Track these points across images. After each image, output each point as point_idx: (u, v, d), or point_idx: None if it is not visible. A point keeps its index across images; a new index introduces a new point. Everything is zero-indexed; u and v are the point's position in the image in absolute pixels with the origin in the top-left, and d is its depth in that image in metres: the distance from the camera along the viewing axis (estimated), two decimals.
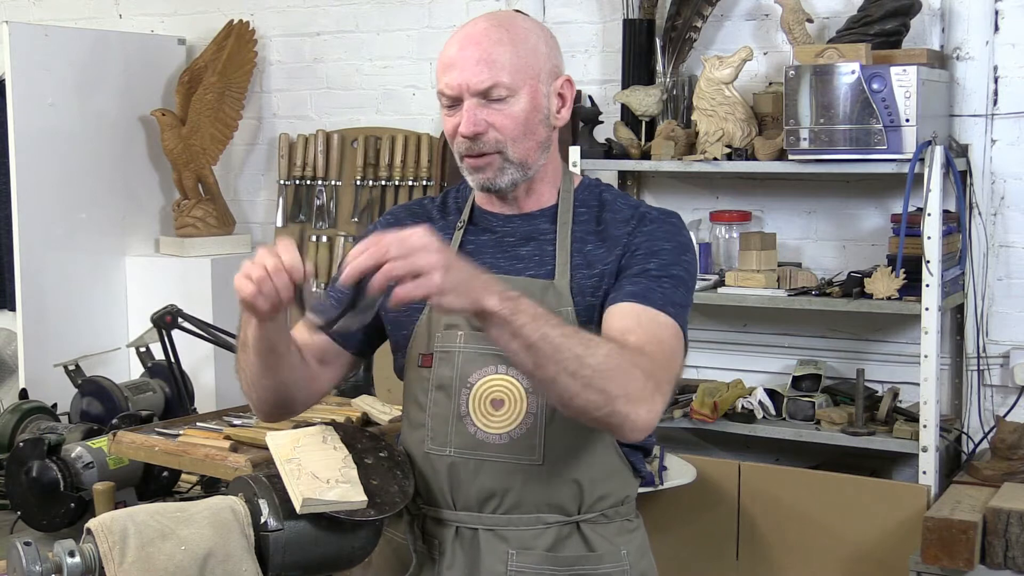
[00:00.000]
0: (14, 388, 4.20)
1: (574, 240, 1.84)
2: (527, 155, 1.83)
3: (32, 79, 4.13)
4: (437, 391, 1.84)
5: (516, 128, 1.80)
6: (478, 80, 1.79)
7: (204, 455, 2.37)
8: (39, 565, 1.59)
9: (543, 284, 1.81)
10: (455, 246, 1.88)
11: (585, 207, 1.88)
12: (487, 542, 1.82)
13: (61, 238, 4.25)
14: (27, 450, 2.63)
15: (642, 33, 3.80)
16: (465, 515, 1.83)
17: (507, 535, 1.81)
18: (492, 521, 1.82)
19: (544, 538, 1.81)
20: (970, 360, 3.47)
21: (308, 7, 4.54)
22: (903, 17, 3.36)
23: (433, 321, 1.85)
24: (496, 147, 1.80)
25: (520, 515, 1.81)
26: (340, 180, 4.48)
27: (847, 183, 3.61)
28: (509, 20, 1.87)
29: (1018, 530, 2.85)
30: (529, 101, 1.81)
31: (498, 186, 1.82)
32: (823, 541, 3.25)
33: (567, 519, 1.82)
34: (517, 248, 1.87)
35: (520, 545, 1.81)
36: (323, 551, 1.74)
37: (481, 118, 1.79)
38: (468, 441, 1.81)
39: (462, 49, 1.84)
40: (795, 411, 3.44)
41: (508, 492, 1.80)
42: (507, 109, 1.80)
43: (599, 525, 1.84)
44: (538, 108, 1.83)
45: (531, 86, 1.81)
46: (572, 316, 1.78)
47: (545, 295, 1.79)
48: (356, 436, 1.87)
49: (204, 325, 3.34)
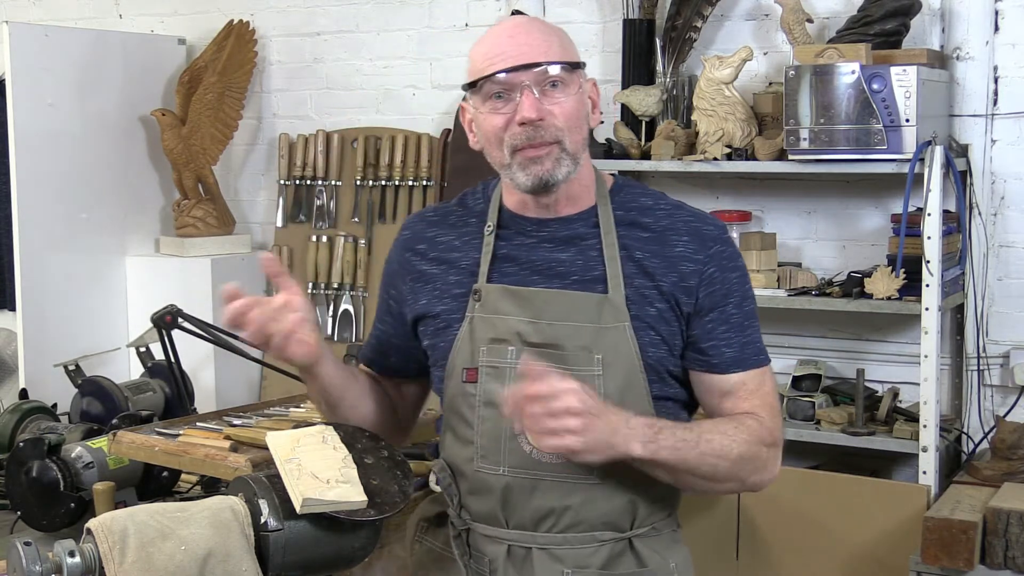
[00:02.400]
0: (14, 388, 4.19)
1: (622, 247, 1.80)
2: (578, 149, 1.79)
3: (32, 79, 4.13)
4: (486, 407, 1.79)
5: (572, 117, 1.77)
6: (538, 63, 1.74)
7: (204, 455, 2.37)
8: (39, 565, 1.59)
9: (598, 300, 1.77)
10: (488, 255, 1.83)
11: (623, 210, 1.84)
12: (541, 561, 1.79)
13: (61, 238, 4.25)
14: (27, 450, 2.63)
15: (642, 33, 3.80)
16: (518, 534, 1.80)
17: (561, 554, 1.79)
18: (546, 540, 1.79)
19: (598, 555, 1.79)
20: (970, 360, 3.47)
21: (308, 7, 4.54)
22: (903, 17, 3.37)
23: (476, 334, 1.81)
24: (555, 136, 1.75)
25: (575, 533, 1.79)
26: (340, 180, 4.48)
27: (847, 183, 3.61)
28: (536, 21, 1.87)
29: (1018, 530, 2.85)
30: (579, 94, 1.79)
31: (556, 179, 1.76)
32: (823, 541, 3.25)
33: (620, 535, 1.80)
34: (556, 253, 1.82)
35: (575, 564, 1.79)
36: (323, 551, 1.74)
37: (542, 104, 1.75)
38: (523, 460, 1.78)
39: (511, 36, 1.78)
40: (795, 411, 3.44)
41: (565, 511, 1.78)
42: (562, 99, 1.76)
43: (650, 539, 1.83)
44: (583, 103, 1.80)
45: (578, 80, 1.79)
46: (629, 331, 1.76)
47: (602, 311, 1.77)
48: (356, 436, 1.87)
49: (204, 325, 3.33)
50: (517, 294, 1.80)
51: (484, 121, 1.79)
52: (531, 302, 1.79)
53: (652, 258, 1.80)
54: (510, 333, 1.79)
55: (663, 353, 1.79)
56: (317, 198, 4.51)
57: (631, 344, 1.76)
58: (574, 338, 1.76)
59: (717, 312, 1.80)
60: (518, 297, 1.80)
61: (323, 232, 4.48)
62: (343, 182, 4.48)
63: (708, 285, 1.79)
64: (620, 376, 1.76)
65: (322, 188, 4.50)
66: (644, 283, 1.78)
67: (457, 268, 1.86)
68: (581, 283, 1.79)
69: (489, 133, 1.79)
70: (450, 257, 1.87)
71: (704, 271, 1.79)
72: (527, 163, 1.76)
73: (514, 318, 1.79)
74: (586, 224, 1.83)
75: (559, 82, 1.76)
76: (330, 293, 4.44)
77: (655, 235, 1.81)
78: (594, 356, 1.75)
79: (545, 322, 1.77)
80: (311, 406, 2.68)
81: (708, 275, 1.79)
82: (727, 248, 1.83)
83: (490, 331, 1.80)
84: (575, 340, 1.76)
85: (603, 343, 1.76)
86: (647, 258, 1.79)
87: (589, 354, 1.76)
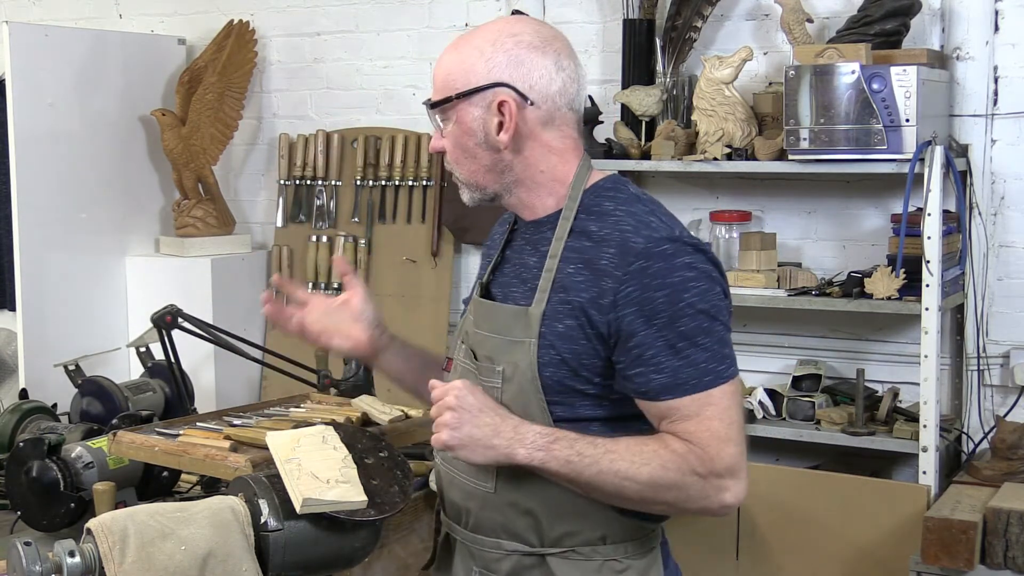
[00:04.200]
0: (14, 388, 4.19)
1: (561, 259, 1.74)
2: (476, 178, 1.80)
3: (32, 79, 4.13)
4: None
5: (454, 150, 1.80)
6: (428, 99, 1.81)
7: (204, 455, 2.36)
8: (39, 565, 1.60)
9: (517, 312, 1.76)
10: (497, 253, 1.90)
11: (585, 214, 1.77)
12: (461, 553, 1.86)
13: (61, 238, 4.25)
14: (27, 450, 2.62)
15: (642, 33, 3.80)
16: (449, 523, 1.87)
17: (474, 552, 1.83)
18: (463, 535, 1.84)
19: (505, 564, 1.79)
20: (970, 360, 3.47)
21: (308, 7, 4.54)
22: (903, 17, 3.36)
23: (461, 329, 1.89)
24: (450, 167, 1.83)
25: (482, 536, 1.81)
26: (340, 180, 4.48)
27: (847, 183, 3.61)
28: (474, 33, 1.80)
29: (1018, 530, 2.85)
30: (456, 125, 1.78)
31: (468, 203, 1.84)
32: (823, 541, 3.25)
33: (529, 549, 1.77)
34: (527, 257, 1.83)
35: (483, 565, 1.82)
36: (323, 551, 1.74)
37: (437, 140, 1.82)
38: (446, 454, 1.82)
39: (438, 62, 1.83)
40: (795, 411, 3.44)
41: (470, 512, 1.82)
42: (447, 131, 1.80)
43: (571, 561, 1.76)
44: (468, 132, 1.77)
45: (461, 109, 1.77)
46: (533, 347, 1.72)
47: (515, 324, 1.75)
48: (356, 436, 1.88)
49: (204, 325, 3.33)
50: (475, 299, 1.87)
51: None
52: (477, 306, 1.86)
53: (583, 270, 1.71)
54: (464, 333, 1.87)
55: (563, 373, 1.71)
56: (317, 198, 4.51)
57: (531, 360, 1.72)
58: (484, 347, 1.80)
59: (638, 337, 1.65)
60: (475, 301, 1.87)
61: (323, 232, 4.48)
62: (343, 182, 4.48)
63: (625, 306, 1.65)
64: (515, 391, 1.74)
65: (322, 188, 4.50)
66: (563, 297, 1.72)
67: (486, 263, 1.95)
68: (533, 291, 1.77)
69: None
70: (489, 253, 1.96)
71: (620, 289, 1.66)
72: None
73: (470, 319, 1.87)
74: (552, 227, 1.80)
75: (444, 117, 1.79)
76: (330, 293, 4.44)
77: (593, 245, 1.72)
78: (496, 368, 1.77)
79: (476, 328, 1.84)
80: (311, 406, 2.68)
81: (625, 295, 1.66)
82: (653, 264, 1.65)
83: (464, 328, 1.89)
84: (484, 349, 1.80)
85: (506, 356, 1.76)
86: (577, 271, 1.72)
87: (492, 365, 1.78)
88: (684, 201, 3.82)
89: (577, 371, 1.71)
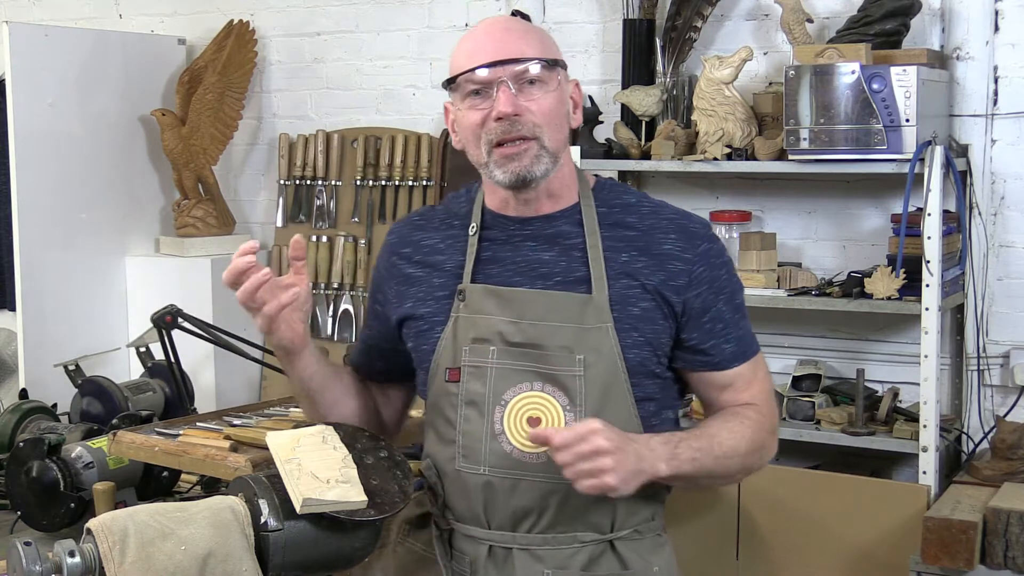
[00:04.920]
0: (14, 388, 4.20)
1: (605, 248, 1.80)
2: (558, 147, 1.79)
3: (32, 79, 4.13)
4: (468, 407, 1.80)
5: (550, 115, 1.77)
6: (515, 59, 1.74)
7: (204, 455, 2.37)
8: (39, 565, 1.60)
9: (582, 300, 1.77)
10: (472, 255, 1.84)
11: (607, 207, 1.84)
12: (522, 561, 1.80)
13: (61, 238, 4.25)
14: (27, 450, 2.63)
15: (642, 33, 3.80)
16: (499, 534, 1.81)
17: (542, 554, 1.79)
18: (527, 540, 1.80)
19: (579, 556, 1.79)
20: (970, 360, 3.47)
21: (308, 7, 4.54)
22: (903, 17, 3.36)
23: (459, 334, 1.82)
24: (533, 132, 1.75)
25: (556, 534, 1.79)
26: (340, 180, 4.48)
27: (847, 183, 3.61)
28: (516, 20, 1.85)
29: (1018, 530, 2.85)
30: (558, 92, 1.79)
31: (533, 175, 1.76)
32: (823, 541, 3.25)
33: (601, 537, 1.81)
34: (539, 253, 1.82)
35: (555, 564, 1.79)
36: (323, 551, 1.74)
37: (519, 100, 1.75)
38: (504, 460, 1.78)
39: (490, 34, 1.78)
40: (795, 411, 3.43)
41: (545, 511, 1.78)
42: (541, 96, 1.76)
43: (632, 542, 1.83)
44: (563, 101, 1.81)
45: (558, 79, 1.79)
46: (612, 332, 1.76)
47: (584, 311, 1.77)
48: (356, 436, 1.87)
49: (204, 325, 3.33)
50: (499, 294, 1.80)
51: (463, 118, 1.80)
52: (513, 302, 1.80)
53: (639, 257, 1.79)
54: (492, 333, 1.79)
55: (646, 354, 1.79)
56: (317, 198, 4.51)
57: (613, 345, 1.76)
58: (555, 338, 1.77)
59: (712, 312, 1.81)
60: (500, 297, 1.80)
61: (323, 232, 4.48)
62: (343, 182, 4.48)
63: (698, 285, 1.80)
64: (601, 376, 1.77)
65: (322, 188, 4.50)
66: (628, 283, 1.78)
67: (441, 271, 1.87)
68: (564, 283, 1.79)
69: (468, 130, 1.79)
70: (434, 260, 1.89)
71: (693, 271, 1.80)
72: (504, 160, 1.76)
73: (496, 318, 1.80)
74: (569, 222, 1.83)
75: (537, 80, 1.76)
76: (330, 293, 4.44)
77: (641, 233, 1.81)
78: (575, 356, 1.76)
79: (527, 322, 1.78)
80: None
81: (697, 275, 1.80)
82: (714, 245, 1.84)
83: (472, 331, 1.81)
84: (556, 340, 1.77)
85: (585, 343, 1.76)
86: (633, 258, 1.80)
87: (571, 354, 1.76)
88: (684, 201, 3.82)
89: (656, 351, 1.80)
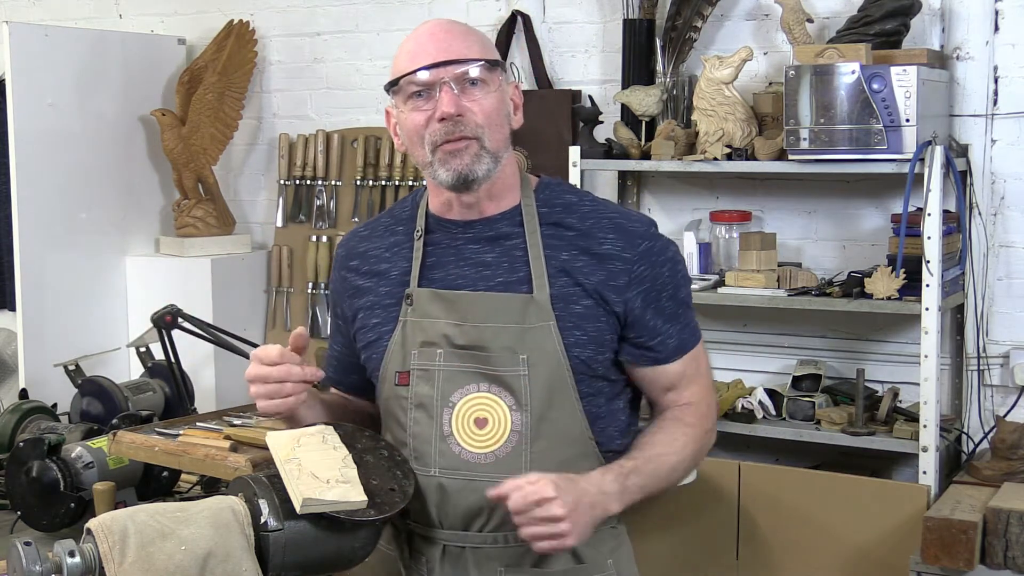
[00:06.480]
0: (14, 388, 4.20)
1: (545, 247, 1.82)
2: (499, 147, 1.82)
3: (32, 79, 4.13)
4: (417, 410, 1.83)
5: (491, 115, 1.79)
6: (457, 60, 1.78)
7: (204, 455, 2.37)
8: (39, 565, 1.60)
9: (523, 300, 1.79)
10: (417, 259, 1.86)
11: (548, 207, 1.86)
12: (475, 561, 1.82)
13: (61, 238, 4.25)
14: (27, 450, 2.63)
15: (642, 33, 3.80)
16: (451, 534, 1.83)
17: (494, 553, 1.81)
18: (479, 539, 1.82)
19: (532, 554, 1.79)
20: (970, 360, 3.47)
21: (308, 7, 4.54)
22: (903, 17, 3.36)
23: (408, 338, 1.84)
24: (475, 132, 1.78)
25: (507, 532, 1.79)
26: (340, 180, 4.48)
27: (847, 183, 3.61)
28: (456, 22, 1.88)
29: (1018, 530, 2.85)
30: (499, 93, 1.81)
31: (475, 174, 1.79)
32: (823, 541, 3.25)
33: None
34: (482, 255, 1.84)
35: (509, 562, 1.81)
36: (323, 551, 1.74)
37: (453, 102, 1.77)
38: (453, 461, 1.80)
39: (431, 36, 1.82)
40: (795, 411, 3.44)
41: (495, 510, 1.79)
42: (482, 97, 1.79)
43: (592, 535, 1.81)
44: (504, 102, 1.83)
45: (499, 80, 1.82)
46: (555, 330, 1.78)
47: (527, 311, 1.78)
48: (356, 436, 1.87)
49: (204, 325, 3.34)
50: (444, 297, 1.83)
51: (406, 120, 1.83)
52: (457, 304, 1.82)
53: (580, 256, 1.81)
54: (438, 336, 1.82)
55: (590, 352, 1.80)
56: (317, 198, 4.51)
57: (556, 343, 1.78)
58: (499, 339, 1.79)
59: (654, 308, 1.83)
60: (445, 300, 1.83)
61: (323, 232, 4.48)
62: (343, 182, 4.48)
63: (639, 284, 1.81)
64: (545, 376, 1.78)
65: (322, 188, 4.50)
66: (568, 281, 1.80)
67: (387, 279, 1.89)
68: (506, 284, 1.81)
69: (411, 132, 1.82)
70: (380, 269, 1.91)
71: (633, 270, 1.81)
72: (447, 158, 1.79)
73: (442, 321, 1.82)
74: (511, 223, 1.85)
75: (479, 80, 1.79)
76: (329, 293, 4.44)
77: (580, 233, 1.83)
78: (519, 356, 1.78)
79: (470, 324, 1.80)
80: None
81: (638, 274, 1.81)
82: (655, 243, 1.85)
83: (420, 335, 1.83)
84: (500, 341, 1.79)
85: (528, 343, 1.78)
86: (574, 256, 1.81)
87: (514, 354, 1.78)
88: (684, 201, 3.82)
89: (600, 348, 1.81)
